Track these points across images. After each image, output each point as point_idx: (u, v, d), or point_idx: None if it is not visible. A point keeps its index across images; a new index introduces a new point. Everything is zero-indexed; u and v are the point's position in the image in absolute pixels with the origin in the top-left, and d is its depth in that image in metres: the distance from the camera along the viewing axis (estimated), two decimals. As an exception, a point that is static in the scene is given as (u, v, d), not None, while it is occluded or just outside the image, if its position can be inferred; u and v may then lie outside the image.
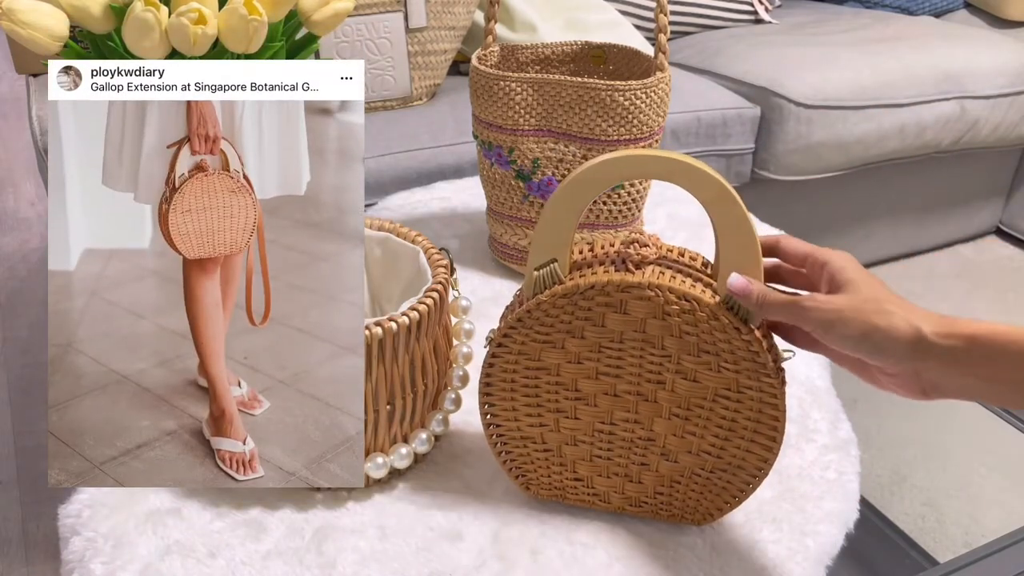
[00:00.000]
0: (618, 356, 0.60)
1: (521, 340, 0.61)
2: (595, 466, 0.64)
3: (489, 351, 0.62)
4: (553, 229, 0.58)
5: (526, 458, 0.66)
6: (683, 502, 0.65)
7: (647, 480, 0.64)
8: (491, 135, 0.94)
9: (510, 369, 0.62)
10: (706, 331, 0.57)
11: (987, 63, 1.78)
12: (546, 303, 0.59)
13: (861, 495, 0.71)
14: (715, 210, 0.55)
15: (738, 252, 0.56)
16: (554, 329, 0.60)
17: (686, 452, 0.62)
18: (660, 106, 0.90)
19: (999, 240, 2.16)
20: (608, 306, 0.58)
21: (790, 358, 0.60)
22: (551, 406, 0.63)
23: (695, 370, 0.59)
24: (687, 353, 0.58)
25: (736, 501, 0.63)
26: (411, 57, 1.47)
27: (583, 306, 0.58)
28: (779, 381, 0.58)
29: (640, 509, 0.66)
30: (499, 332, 0.61)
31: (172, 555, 0.61)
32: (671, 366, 0.59)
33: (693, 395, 0.60)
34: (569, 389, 0.62)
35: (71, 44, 0.78)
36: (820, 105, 1.62)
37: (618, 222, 0.95)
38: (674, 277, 0.58)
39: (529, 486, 0.67)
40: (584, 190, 0.56)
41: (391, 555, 0.62)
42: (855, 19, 2.04)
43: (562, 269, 0.59)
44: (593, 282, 0.57)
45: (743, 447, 0.61)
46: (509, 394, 0.63)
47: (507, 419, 0.64)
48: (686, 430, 0.61)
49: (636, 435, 0.62)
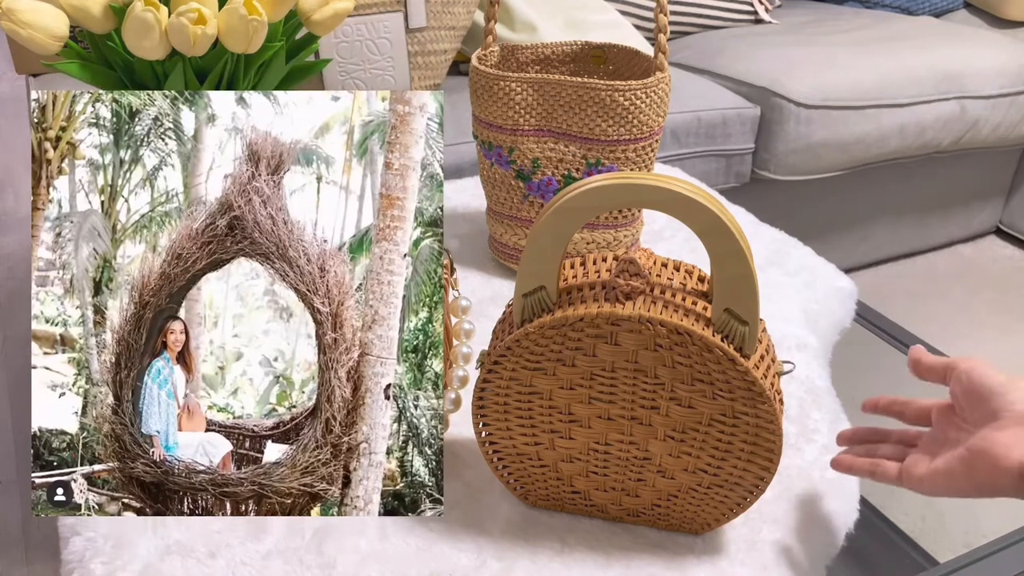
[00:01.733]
0: (611, 384, 0.59)
1: (512, 367, 0.60)
2: (592, 481, 0.64)
3: (481, 375, 0.61)
4: (540, 256, 0.56)
5: (523, 472, 0.65)
6: (681, 514, 0.64)
7: (644, 494, 0.64)
8: (491, 135, 0.94)
9: (502, 392, 0.61)
10: (699, 362, 0.56)
11: (987, 63, 1.78)
12: (534, 333, 0.58)
13: (861, 495, 0.71)
14: (710, 242, 0.53)
15: (733, 284, 0.54)
16: (544, 357, 0.59)
17: (682, 471, 0.61)
18: (660, 106, 0.90)
19: (999, 240, 2.16)
20: (598, 337, 0.57)
21: (791, 370, 0.60)
22: (545, 427, 0.62)
23: (689, 397, 0.58)
24: (680, 382, 0.57)
25: (733, 513, 0.63)
26: (411, 57, 1.47)
27: (573, 337, 0.57)
28: (776, 405, 0.57)
29: (638, 519, 0.66)
30: (489, 358, 0.60)
31: (172, 555, 0.61)
32: (664, 393, 0.58)
33: (688, 420, 0.59)
34: (563, 412, 0.61)
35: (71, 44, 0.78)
36: (820, 105, 1.62)
37: (618, 222, 0.95)
38: (666, 307, 0.56)
39: (527, 497, 0.67)
40: (572, 218, 0.54)
41: (391, 555, 0.62)
42: (855, 19, 2.04)
43: (550, 296, 0.57)
44: (582, 314, 0.56)
45: (740, 466, 0.60)
46: (503, 415, 0.62)
47: (502, 437, 0.64)
48: (681, 451, 0.60)
49: (632, 455, 0.62)
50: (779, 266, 1.03)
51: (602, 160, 0.91)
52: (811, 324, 0.93)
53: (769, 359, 0.59)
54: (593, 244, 0.96)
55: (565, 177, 0.93)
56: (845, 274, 1.05)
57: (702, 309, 0.56)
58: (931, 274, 2.00)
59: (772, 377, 0.58)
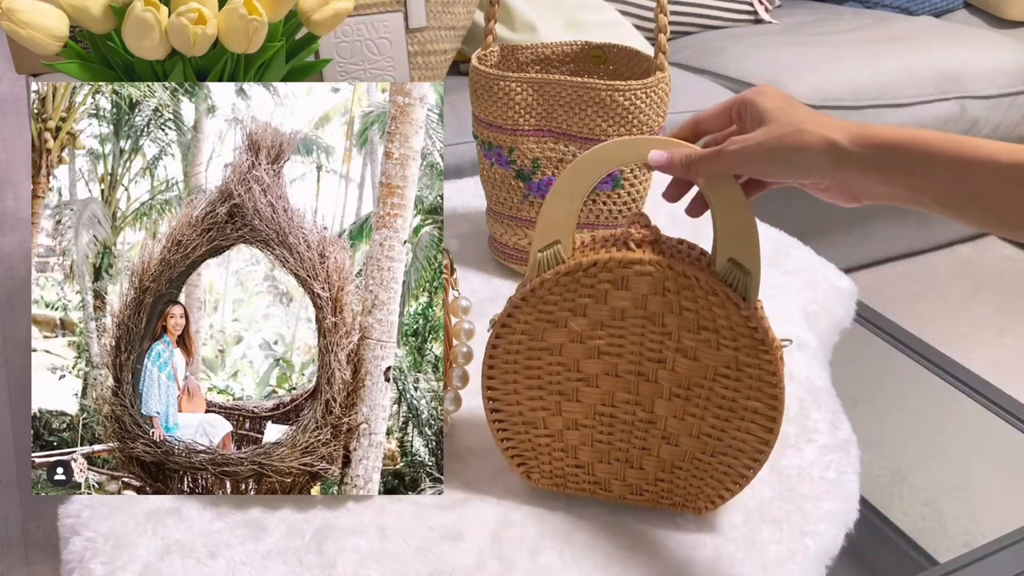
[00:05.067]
0: (619, 335, 0.61)
1: (524, 320, 0.62)
2: (596, 451, 0.65)
3: (493, 333, 0.63)
4: (557, 211, 0.60)
5: (527, 444, 0.66)
6: (684, 489, 0.65)
7: (648, 466, 0.65)
8: (491, 135, 0.94)
9: (513, 351, 0.63)
10: (705, 307, 0.59)
11: (987, 63, 1.78)
12: (550, 281, 0.60)
13: (861, 495, 0.71)
14: (713, 191, 0.57)
15: (735, 232, 0.58)
16: (557, 307, 0.61)
17: (687, 435, 0.63)
18: (660, 106, 0.90)
19: (999, 240, 2.16)
20: (610, 283, 0.60)
21: (788, 346, 0.60)
22: (553, 388, 0.64)
23: (695, 348, 0.60)
24: (687, 330, 0.60)
25: (736, 487, 0.64)
26: (411, 57, 1.47)
27: (586, 283, 0.60)
28: (777, 358, 0.59)
29: (641, 498, 0.66)
30: (503, 312, 0.63)
31: (172, 555, 0.61)
32: (671, 344, 0.61)
33: (693, 374, 0.61)
34: (571, 370, 0.63)
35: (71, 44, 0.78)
36: (820, 105, 1.62)
37: (618, 222, 0.95)
38: (673, 256, 0.59)
39: (530, 474, 0.67)
40: (587, 173, 0.59)
41: (391, 555, 0.62)
42: (855, 19, 2.04)
43: (565, 251, 0.60)
44: (595, 259, 0.59)
45: (743, 428, 0.62)
46: (512, 376, 0.64)
47: (509, 403, 0.65)
48: (687, 411, 0.62)
49: (637, 417, 0.63)
50: (779, 266, 1.03)
51: (602, 160, 0.91)
52: (811, 324, 0.93)
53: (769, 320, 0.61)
54: (593, 244, 0.96)
55: (565, 177, 0.93)
56: (845, 274, 1.05)
57: (706, 263, 0.60)
58: (931, 274, 2.00)
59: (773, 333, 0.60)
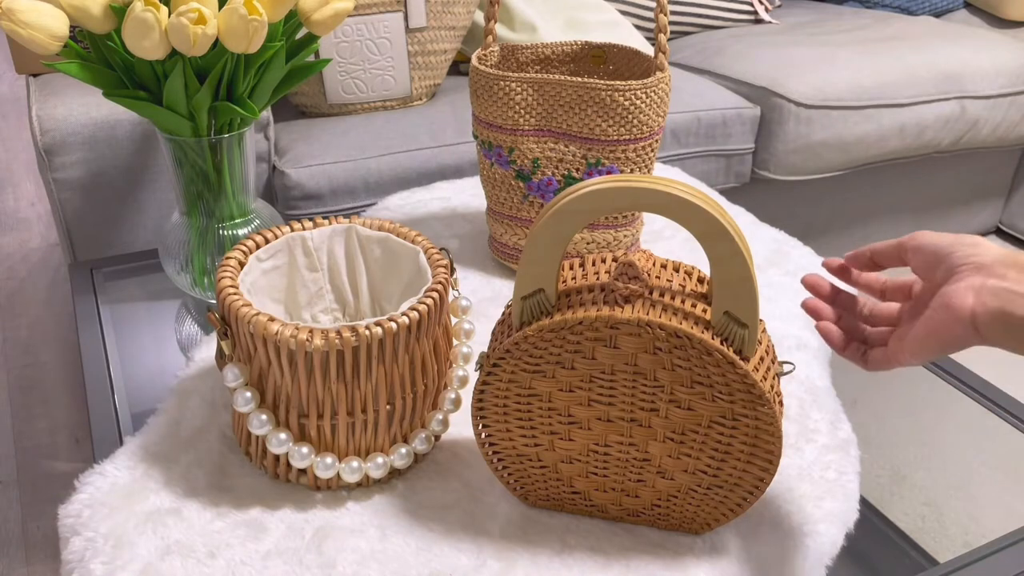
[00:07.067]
0: (610, 387, 0.59)
1: (511, 369, 0.60)
2: (592, 482, 0.64)
3: (480, 377, 0.61)
4: (539, 259, 0.56)
5: (523, 473, 0.65)
6: (681, 514, 0.64)
7: (644, 495, 0.64)
8: (491, 135, 0.94)
9: (501, 395, 0.61)
10: (699, 365, 0.56)
11: (987, 63, 1.78)
12: (533, 336, 0.57)
13: (861, 495, 0.71)
14: (709, 244, 0.53)
15: (733, 287, 0.54)
16: (543, 360, 0.58)
17: (682, 471, 0.61)
18: (660, 106, 0.90)
19: (999, 240, 2.16)
20: (597, 340, 0.57)
21: (791, 371, 0.59)
22: (545, 428, 0.62)
23: (689, 400, 0.58)
24: (680, 384, 0.57)
25: (733, 513, 0.63)
26: (411, 57, 1.47)
27: (572, 340, 0.57)
28: (776, 408, 0.57)
29: (638, 519, 0.66)
30: (488, 360, 0.60)
31: (172, 555, 0.61)
32: (664, 396, 0.58)
33: (687, 422, 0.59)
34: (562, 414, 0.61)
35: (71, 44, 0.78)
36: (820, 105, 1.62)
37: (618, 222, 0.95)
38: (665, 310, 0.56)
39: (527, 497, 0.67)
40: (570, 221, 0.54)
41: (391, 555, 0.62)
42: (855, 19, 2.04)
43: (550, 298, 0.57)
44: (581, 318, 0.56)
45: (739, 467, 0.60)
46: (502, 416, 0.62)
47: (502, 438, 0.63)
48: (681, 452, 0.60)
49: (631, 456, 0.62)
50: (779, 266, 1.03)
51: (602, 160, 0.91)
52: (811, 324, 0.93)
53: (769, 360, 0.59)
54: (593, 244, 0.96)
55: (565, 177, 0.93)
56: (845, 274, 1.04)
57: (701, 312, 0.56)
58: (931, 274, 2.00)
59: (772, 379, 0.58)
